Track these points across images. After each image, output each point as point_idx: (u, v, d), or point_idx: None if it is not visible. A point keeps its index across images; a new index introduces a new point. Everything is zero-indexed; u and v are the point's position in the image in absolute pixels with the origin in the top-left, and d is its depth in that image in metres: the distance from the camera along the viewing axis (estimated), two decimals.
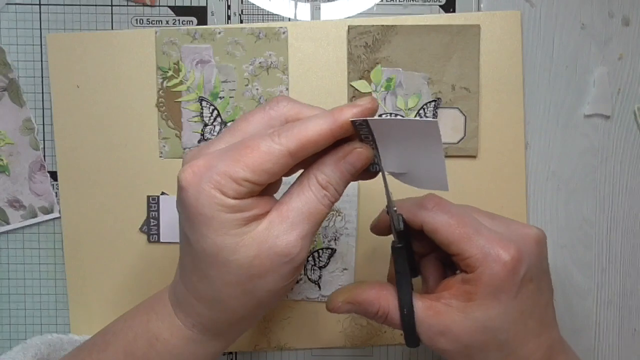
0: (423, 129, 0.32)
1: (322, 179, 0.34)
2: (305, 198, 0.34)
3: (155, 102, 0.49)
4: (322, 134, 0.33)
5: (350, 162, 0.34)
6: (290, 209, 0.33)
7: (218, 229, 0.32)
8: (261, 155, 0.32)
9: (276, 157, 0.32)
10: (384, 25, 0.48)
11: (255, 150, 0.32)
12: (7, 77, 0.48)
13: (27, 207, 0.49)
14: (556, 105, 0.49)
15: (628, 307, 0.51)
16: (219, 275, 0.34)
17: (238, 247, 0.33)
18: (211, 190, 0.32)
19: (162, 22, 0.49)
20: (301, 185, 0.34)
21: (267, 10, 0.49)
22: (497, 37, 0.48)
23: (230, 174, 0.32)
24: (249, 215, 0.33)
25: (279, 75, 0.48)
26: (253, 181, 0.32)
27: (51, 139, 0.49)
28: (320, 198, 0.34)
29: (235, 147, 0.33)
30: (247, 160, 0.32)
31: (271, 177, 0.33)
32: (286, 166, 0.33)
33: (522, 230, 0.38)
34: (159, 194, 0.49)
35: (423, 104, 0.48)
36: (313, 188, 0.34)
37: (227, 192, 0.32)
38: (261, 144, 0.32)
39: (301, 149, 0.32)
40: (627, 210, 0.50)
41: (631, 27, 0.49)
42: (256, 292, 0.34)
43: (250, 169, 0.32)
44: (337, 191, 0.34)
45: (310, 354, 0.51)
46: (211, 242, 0.33)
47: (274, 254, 0.33)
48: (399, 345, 0.50)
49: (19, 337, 0.50)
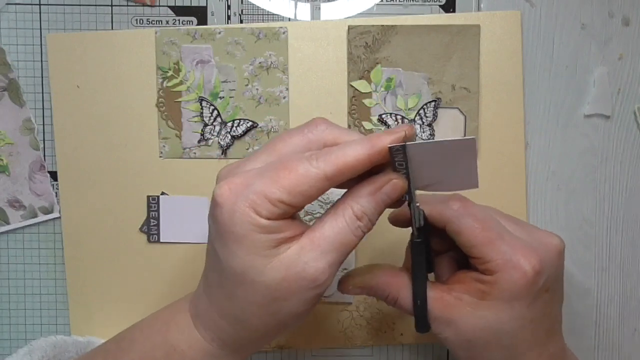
0: (461, 147, 0.33)
1: (357, 210, 0.34)
2: (339, 228, 0.33)
3: (155, 102, 0.49)
4: (360, 160, 0.33)
5: (387, 193, 0.34)
6: (322, 237, 0.33)
7: (249, 248, 0.33)
8: (298, 178, 0.32)
9: (313, 180, 0.32)
10: (384, 25, 0.48)
11: (292, 172, 0.32)
12: (7, 77, 0.48)
13: (27, 207, 0.49)
14: (556, 105, 0.49)
15: (628, 307, 0.51)
16: (244, 294, 0.34)
17: (266, 268, 0.33)
18: (246, 209, 0.32)
19: (162, 22, 0.49)
20: (336, 214, 0.34)
21: (267, 10, 0.49)
22: (497, 37, 0.48)
23: (266, 194, 0.32)
24: (281, 237, 0.33)
25: (279, 75, 0.48)
26: (288, 203, 0.32)
27: (51, 139, 0.49)
28: (353, 229, 0.34)
29: (273, 167, 0.33)
30: (284, 181, 0.32)
31: (306, 200, 0.33)
32: (322, 190, 0.33)
33: (545, 238, 0.38)
34: (159, 194, 0.49)
35: (423, 104, 0.48)
36: (347, 219, 0.34)
37: (261, 212, 0.32)
38: (299, 166, 0.33)
39: (338, 174, 0.33)
40: (627, 210, 0.50)
41: (631, 27, 0.49)
42: (279, 314, 0.34)
43: (286, 191, 0.32)
44: (370, 222, 0.34)
45: (310, 354, 0.51)
46: (241, 260, 0.33)
47: (301, 279, 0.33)
48: (399, 345, 0.50)
49: (19, 337, 0.50)
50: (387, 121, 0.48)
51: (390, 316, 0.50)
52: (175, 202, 0.49)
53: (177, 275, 0.49)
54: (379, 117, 0.48)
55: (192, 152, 0.49)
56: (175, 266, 0.49)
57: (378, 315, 0.50)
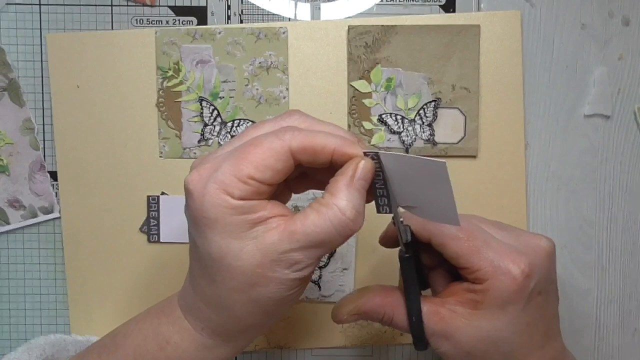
0: (431, 169, 0.32)
1: (343, 206, 0.32)
2: (322, 227, 0.32)
3: (155, 102, 0.49)
4: (326, 149, 0.32)
5: (362, 177, 0.33)
6: (304, 233, 0.32)
7: (223, 232, 0.32)
8: (264, 151, 0.32)
9: (278, 153, 0.32)
10: (384, 25, 0.48)
11: (258, 147, 0.32)
12: (7, 77, 0.48)
13: (27, 207, 0.49)
14: (556, 105, 0.49)
15: (628, 307, 0.51)
16: (223, 281, 0.33)
17: (242, 252, 0.32)
18: (216, 191, 0.32)
19: (162, 22, 0.49)
20: (319, 212, 0.32)
21: (267, 10, 0.49)
22: (497, 37, 0.48)
23: (234, 172, 0.32)
24: (255, 217, 0.32)
25: (279, 75, 0.48)
26: (257, 178, 0.32)
27: (51, 139, 0.49)
28: (339, 228, 0.32)
29: (240, 147, 0.33)
30: (250, 157, 0.32)
31: (275, 174, 0.32)
32: (288, 165, 0.32)
33: (532, 241, 0.38)
34: (159, 194, 0.49)
35: (423, 104, 0.48)
36: (332, 218, 0.32)
37: (232, 192, 0.32)
38: (265, 141, 0.32)
39: (303, 151, 0.32)
40: (627, 210, 0.50)
41: (631, 27, 0.49)
42: (260, 300, 0.33)
43: (254, 166, 0.32)
44: (359, 213, 0.33)
45: (310, 354, 0.51)
46: (216, 245, 0.32)
47: (278, 266, 0.32)
48: (399, 345, 0.50)
49: (19, 337, 0.50)
50: (387, 121, 0.48)
51: None
52: (175, 202, 0.49)
53: (177, 275, 0.49)
54: (379, 117, 0.48)
55: (192, 152, 0.49)
56: (175, 266, 0.49)
57: None
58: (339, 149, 0.33)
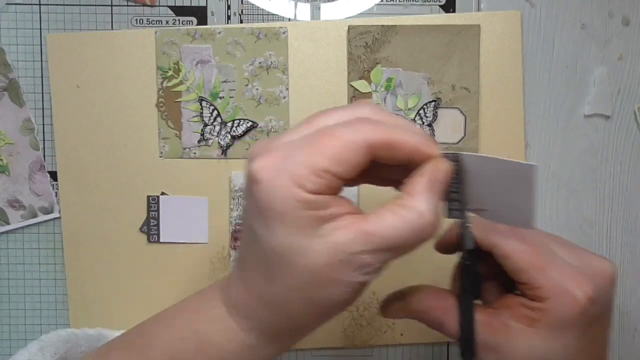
0: (517, 171, 0.31)
1: (424, 209, 0.30)
2: (401, 230, 0.30)
3: (155, 102, 0.49)
4: (406, 146, 0.30)
5: (441, 181, 0.31)
6: (380, 234, 0.30)
7: (291, 226, 0.30)
8: (342, 144, 0.29)
9: (356, 147, 0.30)
10: (384, 25, 0.48)
11: (335, 138, 0.30)
12: (7, 77, 0.48)
13: (27, 207, 0.49)
14: (556, 105, 0.49)
15: (628, 307, 0.50)
16: (284, 278, 0.31)
17: (309, 250, 0.30)
18: (287, 183, 0.29)
19: (162, 22, 0.49)
20: (399, 214, 0.30)
21: (267, 10, 0.49)
22: (497, 37, 0.48)
23: (309, 164, 0.29)
24: (326, 214, 0.30)
25: (279, 75, 0.48)
26: (333, 172, 0.29)
27: (51, 139, 0.49)
28: (417, 232, 0.30)
29: (313, 136, 0.30)
30: (326, 149, 0.29)
31: (350, 169, 0.30)
32: (364, 160, 0.30)
33: (597, 264, 0.36)
34: (159, 194, 0.49)
35: (423, 104, 0.48)
36: (412, 219, 0.30)
37: (305, 185, 0.29)
38: (341, 131, 0.30)
39: (381, 146, 0.30)
40: (627, 210, 0.50)
41: (631, 27, 0.49)
42: (320, 301, 0.31)
43: (329, 158, 0.29)
44: (438, 218, 0.31)
45: (310, 354, 0.51)
46: (281, 240, 0.30)
47: (346, 267, 0.30)
48: (399, 346, 0.50)
49: (18, 337, 0.50)
50: None
51: None
52: (175, 202, 0.49)
53: (177, 275, 0.49)
54: None
55: (192, 152, 0.49)
56: (175, 266, 0.49)
57: (378, 315, 0.50)
58: (419, 148, 0.31)
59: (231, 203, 0.49)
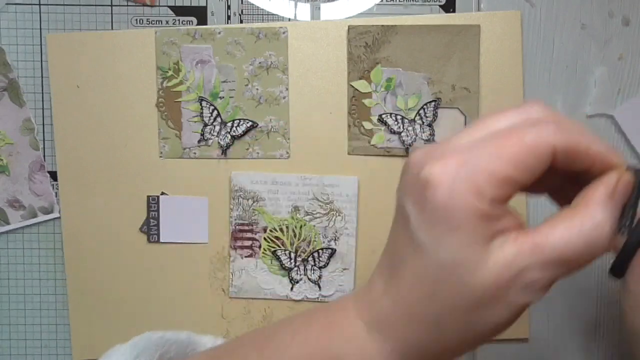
0: None
1: (600, 219, 0.27)
2: (574, 240, 0.27)
3: (155, 102, 0.49)
4: (591, 153, 0.28)
5: (621, 193, 0.28)
6: (551, 245, 0.27)
7: (463, 239, 0.27)
8: (525, 148, 0.27)
9: (541, 152, 0.27)
10: (384, 25, 0.48)
11: (518, 142, 0.27)
12: (7, 77, 0.48)
13: (27, 207, 0.49)
14: (556, 105, 0.49)
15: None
16: (447, 294, 0.28)
17: (479, 266, 0.27)
18: (467, 192, 0.27)
19: (162, 22, 0.49)
20: (571, 222, 0.28)
21: (267, 10, 0.49)
22: (497, 37, 0.48)
23: (491, 171, 0.27)
24: (499, 226, 0.27)
25: (279, 75, 0.48)
26: (516, 179, 0.27)
27: (51, 139, 0.49)
28: (591, 243, 0.28)
29: (491, 138, 0.28)
30: (508, 153, 0.27)
31: (531, 176, 0.27)
32: (546, 166, 0.28)
33: None
34: (159, 194, 0.49)
35: (423, 104, 0.48)
36: (587, 230, 0.27)
37: (485, 194, 0.27)
38: (526, 135, 0.27)
39: (566, 152, 0.27)
40: None
41: (631, 27, 0.49)
42: (477, 324, 0.28)
43: (512, 164, 0.27)
44: (611, 231, 0.28)
45: None
46: (452, 254, 0.27)
47: (514, 286, 0.27)
48: None
49: (18, 337, 0.50)
50: (387, 121, 0.48)
51: None
52: (175, 202, 0.49)
53: (177, 275, 0.49)
54: (379, 117, 0.48)
55: (192, 152, 0.49)
56: (175, 266, 0.49)
57: None
58: (605, 156, 0.28)
59: (231, 203, 0.49)
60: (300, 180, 0.48)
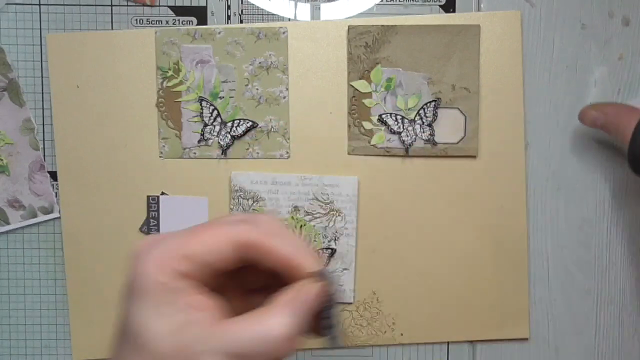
0: None
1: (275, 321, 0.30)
2: (248, 334, 0.30)
3: (155, 102, 0.49)
4: (278, 254, 0.31)
5: (308, 301, 0.31)
6: (226, 337, 0.30)
7: (150, 307, 0.30)
8: (215, 234, 0.31)
9: (228, 240, 0.31)
10: (384, 25, 0.48)
11: (210, 229, 0.31)
12: (7, 77, 0.48)
13: (27, 207, 0.49)
14: (556, 105, 0.49)
15: (628, 307, 0.50)
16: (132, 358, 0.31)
17: (157, 336, 0.30)
18: (155, 263, 0.30)
19: (162, 22, 0.49)
20: (251, 319, 0.30)
21: (267, 10, 0.49)
22: (497, 37, 0.48)
23: (180, 247, 0.31)
24: (186, 301, 0.30)
25: (279, 75, 0.48)
26: (200, 258, 0.30)
27: (51, 139, 0.49)
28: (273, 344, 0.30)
29: (192, 227, 0.32)
30: (200, 236, 0.31)
31: (219, 259, 0.31)
32: (235, 255, 0.31)
33: None
34: (159, 194, 0.49)
35: (423, 104, 0.48)
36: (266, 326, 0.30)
37: (173, 266, 0.30)
38: (219, 225, 0.31)
39: (253, 247, 0.31)
40: (627, 210, 0.50)
41: (631, 27, 0.49)
42: None
43: (200, 245, 0.31)
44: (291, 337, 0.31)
45: (310, 354, 0.51)
46: (139, 319, 0.30)
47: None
48: (399, 345, 0.50)
49: (18, 337, 0.50)
50: (387, 121, 0.48)
51: (390, 316, 0.50)
52: (175, 202, 0.49)
53: None
54: (379, 117, 0.48)
55: (192, 152, 0.49)
56: None
57: (378, 315, 0.50)
58: (289, 258, 0.31)
59: (231, 203, 0.49)
60: (300, 180, 0.48)
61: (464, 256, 0.49)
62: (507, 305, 0.49)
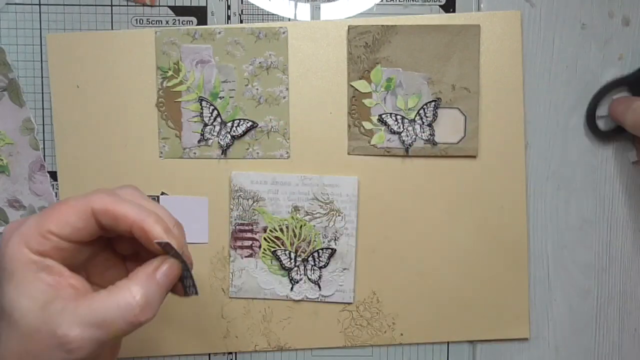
0: None
1: (136, 292, 0.33)
2: (110, 309, 0.32)
3: (155, 102, 0.49)
4: (127, 218, 0.33)
5: (165, 274, 0.34)
6: (89, 308, 0.32)
7: (17, 286, 0.32)
8: (67, 208, 0.33)
9: (79, 211, 0.33)
10: (384, 25, 0.48)
11: (63, 204, 0.33)
12: (7, 77, 0.48)
13: (27, 207, 0.49)
14: (556, 105, 0.49)
15: (628, 307, 0.51)
16: (6, 338, 0.32)
17: (26, 312, 0.32)
18: (17, 243, 0.32)
19: (162, 22, 0.49)
20: (114, 293, 0.33)
21: (267, 10, 0.49)
22: (497, 37, 0.48)
23: (36, 226, 0.32)
24: (49, 279, 0.32)
25: (279, 75, 0.48)
26: (56, 233, 0.32)
27: (51, 139, 0.49)
28: (125, 314, 0.32)
29: (52, 205, 0.34)
30: (53, 213, 0.33)
31: (74, 231, 0.33)
32: (89, 224, 0.33)
33: None
34: (159, 194, 0.49)
35: (423, 104, 0.48)
36: (121, 302, 0.32)
37: (31, 245, 0.32)
38: (71, 199, 0.33)
39: (104, 214, 0.33)
40: (627, 210, 0.50)
41: (631, 27, 0.49)
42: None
43: (54, 221, 0.32)
44: (151, 306, 0.33)
45: (310, 354, 0.51)
46: (8, 298, 0.32)
47: (51, 337, 0.31)
48: (399, 345, 0.50)
49: None
50: (387, 121, 0.48)
51: (390, 316, 0.50)
52: (175, 202, 0.49)
53: None
54: (379, 117, 0.48)
55: (192, 152, 0.49)
56: None
57: (378, 315, 0.50)
58: (138, 223, 0.33)
59: (231, 203, 0.49)
60: (300, 180, 0.48)
61: (464, 256, 0.49)
62: (507, 305, 0.49)
